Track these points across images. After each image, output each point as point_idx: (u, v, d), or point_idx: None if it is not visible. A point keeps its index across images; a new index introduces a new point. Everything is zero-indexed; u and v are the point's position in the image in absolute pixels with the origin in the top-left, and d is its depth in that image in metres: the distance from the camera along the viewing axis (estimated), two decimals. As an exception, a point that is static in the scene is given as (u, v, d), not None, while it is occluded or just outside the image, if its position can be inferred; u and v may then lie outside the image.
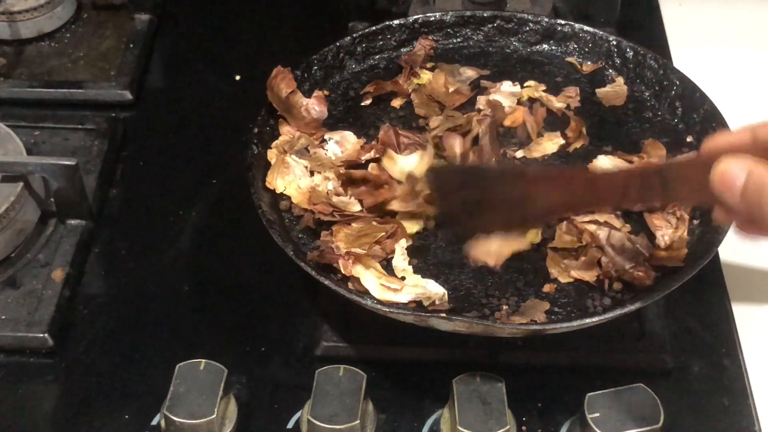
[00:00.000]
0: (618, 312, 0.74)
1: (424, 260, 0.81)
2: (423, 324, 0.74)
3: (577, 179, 0.72)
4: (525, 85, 0.95)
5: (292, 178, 0.85)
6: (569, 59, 0.97)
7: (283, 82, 0.88)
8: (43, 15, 1.10)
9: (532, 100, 0.93)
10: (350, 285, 0.77)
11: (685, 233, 0.81)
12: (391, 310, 0.74)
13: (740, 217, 0.64)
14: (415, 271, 0.80)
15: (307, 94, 0.92)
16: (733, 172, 0.60)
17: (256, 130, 0.86)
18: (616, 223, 0.81)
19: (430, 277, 0.79)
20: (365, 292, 0.76)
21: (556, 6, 1.09)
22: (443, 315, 0.73)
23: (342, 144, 0.88)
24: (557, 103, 0.93)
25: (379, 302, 0.75)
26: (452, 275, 0.80)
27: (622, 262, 0.78)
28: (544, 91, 0.94)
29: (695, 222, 0.82)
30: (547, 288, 0.79)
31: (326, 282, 0.75)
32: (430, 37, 0.98)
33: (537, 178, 0.73)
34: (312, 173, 0.86)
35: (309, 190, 0.84)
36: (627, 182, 0.69)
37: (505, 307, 0.77)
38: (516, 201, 0.72)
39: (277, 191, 0.84)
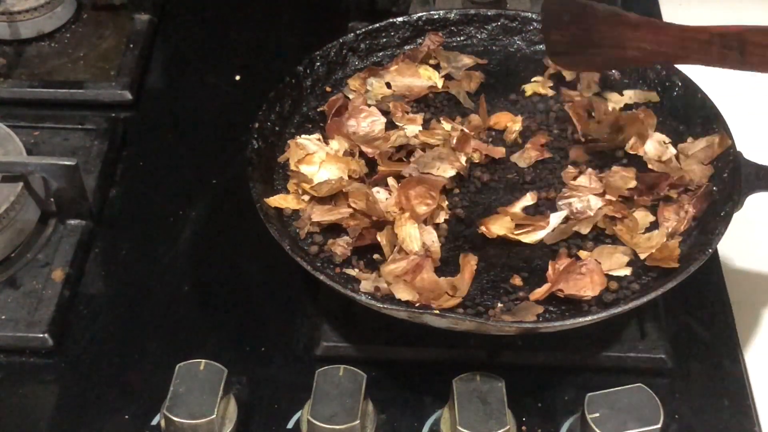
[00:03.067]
0: (611, 311, 0.74)
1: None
2: (417, 320, 0.74)
3: (670, 29, 0.77)
4: (532, 80, 0.95)
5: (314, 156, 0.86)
6: None
7: None
8: (43, 15, 1.10)
9: (539, 96, 0.94)
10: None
11: (683, 227, 0.81)
12: (385, 306, 0.73)
13: None
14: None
15: (309, 89, 0.92)
16: None
17: (257, 125, 0.86)
18: None
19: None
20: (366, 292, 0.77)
21: (556, 6, 1.09)
22: (436, 312, 0.73)
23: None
24: (576, 97, 0.93)
25: (373, 298, 0.75)
26: (448, 272, 0.80)
27: None
28: (551, 87, 0.94)
29: (693, 224, 0.82)
30: (540, 292, 0.78)
31: (321, 277, 0.75)
32: (439, 33, 0.98)
33: (636, 23, 0.79)
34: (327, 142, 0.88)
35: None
36: (710, 39, 0.74)
37: (499, 305, 0.77)
38: (617, 41, 0.79)
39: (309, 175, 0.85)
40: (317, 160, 0.85)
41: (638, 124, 0.87)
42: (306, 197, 0.83)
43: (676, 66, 0.93)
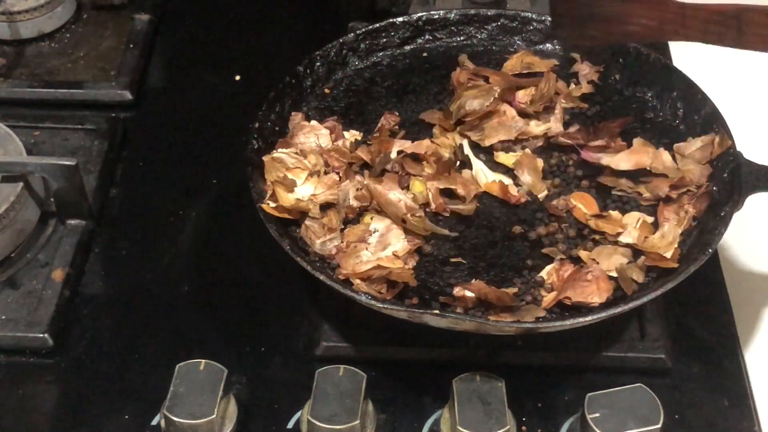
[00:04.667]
0: (611, 311, 0.74)
1: (420, 257, 0.81)
2: (416, 320, 0.74)
3: (671, 6, 0.78)
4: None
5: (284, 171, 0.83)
6: (574, 55, 0.97)
7: None
8: (43, 15, 1.10)
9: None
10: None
11: (681, 227, 0.81)
12: (385, 305, 0.73)
13: None
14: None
15: (309, 89, 0.92)
16: None
17: (257, 124, 0.86)
18: None
19: (426, 274, 0.80)
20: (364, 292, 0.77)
21: (556, 6, 1.09)
22: (436, 312, 0.73)
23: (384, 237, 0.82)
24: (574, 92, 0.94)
25: (373, 298, 0.75)
26: (446, 272, 0.80)
27: None
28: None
29: (693, 224, 0.82)
30: (547, 300, 0.78)
31: (321, 277, 0.75)
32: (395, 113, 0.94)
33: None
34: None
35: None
36: (708, 17, 0.76)
37: None
38: (621, 16, 0.81)
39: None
40: (301, 177, 0.83)
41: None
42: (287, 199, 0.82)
43: (677, 66, 0.93)
